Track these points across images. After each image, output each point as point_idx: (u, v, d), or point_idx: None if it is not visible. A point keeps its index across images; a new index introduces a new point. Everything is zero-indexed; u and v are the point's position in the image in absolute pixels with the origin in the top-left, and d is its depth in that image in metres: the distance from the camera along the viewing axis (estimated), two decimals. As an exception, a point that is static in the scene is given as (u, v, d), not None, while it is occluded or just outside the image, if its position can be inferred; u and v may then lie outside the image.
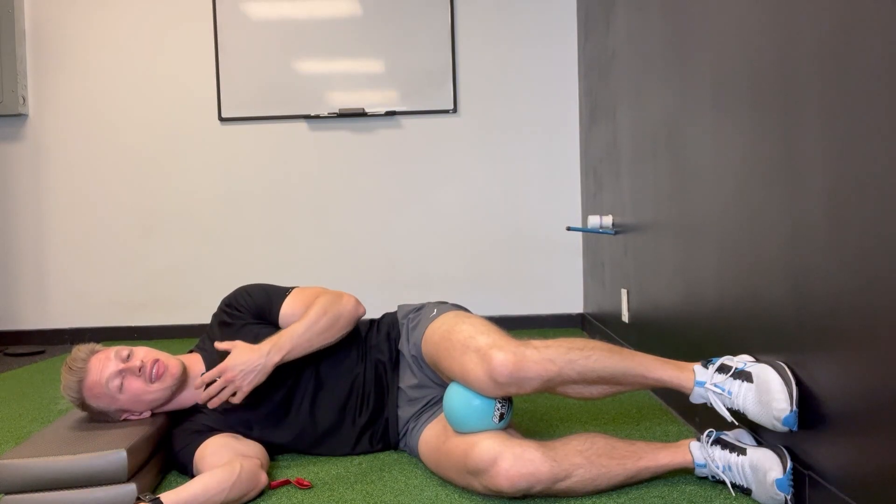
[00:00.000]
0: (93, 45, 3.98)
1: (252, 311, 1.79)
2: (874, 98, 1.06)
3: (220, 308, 1.84)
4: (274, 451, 1.75)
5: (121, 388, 1.62)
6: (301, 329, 1.62)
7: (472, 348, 1.48)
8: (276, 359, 1.57)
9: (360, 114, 3.89)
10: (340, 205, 3.98)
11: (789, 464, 1.32)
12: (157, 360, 1.64)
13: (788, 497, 1.31)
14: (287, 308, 1.77)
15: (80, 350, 1.65)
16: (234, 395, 1.61)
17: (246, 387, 1.55)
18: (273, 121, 3.95)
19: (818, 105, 1.22)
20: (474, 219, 3.96)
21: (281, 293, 1.80)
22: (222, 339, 1.77)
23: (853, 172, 1.12)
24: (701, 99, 1.80)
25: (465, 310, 1.76)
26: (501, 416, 1.49)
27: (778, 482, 1.31)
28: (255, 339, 1.75)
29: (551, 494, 1.46)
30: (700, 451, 1.49)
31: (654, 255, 2.30)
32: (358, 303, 1.76)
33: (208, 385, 1.61)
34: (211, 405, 1.61)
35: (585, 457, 1.45)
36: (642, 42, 2.39)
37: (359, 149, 3.96)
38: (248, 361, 1.55)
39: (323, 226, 3.99)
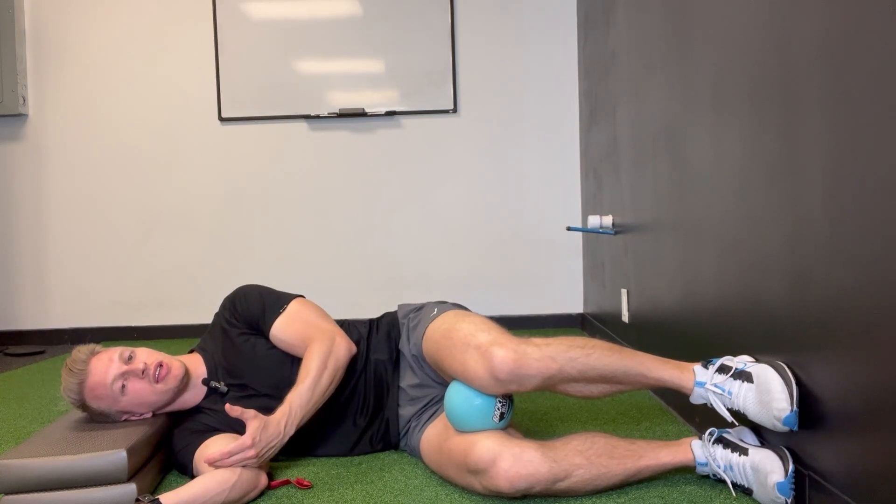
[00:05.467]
0: (93, 45, 3.98)
1: (246, 320, 1.78)
2: (874, 98, 1.06)
3: (221, 309, 1.83)
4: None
5: (123, 390, 1.62)
6: (307, 394, 1.59)
7: (472, 346, 1.47)
8: (292, 431, 1.56)
9: (360, 114, 3.89)
10: (340, 205, 3.98)
11: (791, 466, 1.31)
12: (160, 363, 1.64)
13: (789, 500, 1.31)
14: (278, 330, 1.75)
15: (81, 351, 1.64)
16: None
17: (263, 460, 1.54)
18: (273, 121, 3.95)
19: (818, 105, 1.22)
20: (474, 219, 3.96)
21: (276, 308, 1.77)
22: (223, 345, 1.78)
23: (853, 172, 1.12)
24: (701, 99, 1.80)
25: (466, 309, 1.76)
26: (502, 416, 1.49)
27: (779, 485, 1.31)
28: (253, 349, 1.75)
29: (551, 494, 1.45)
30: (702, 450, 1.49)
31: (654, 255, 2.30)
32: (349, 344, 1.73)
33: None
34: (221, 464, 1.52)
35: (585, 457, 1.44)
36: (642, 42, 2.39)
37: (359, 149, 3.96)
38: (272, 436, 1.52)
39: (323, 226, 3.99)
